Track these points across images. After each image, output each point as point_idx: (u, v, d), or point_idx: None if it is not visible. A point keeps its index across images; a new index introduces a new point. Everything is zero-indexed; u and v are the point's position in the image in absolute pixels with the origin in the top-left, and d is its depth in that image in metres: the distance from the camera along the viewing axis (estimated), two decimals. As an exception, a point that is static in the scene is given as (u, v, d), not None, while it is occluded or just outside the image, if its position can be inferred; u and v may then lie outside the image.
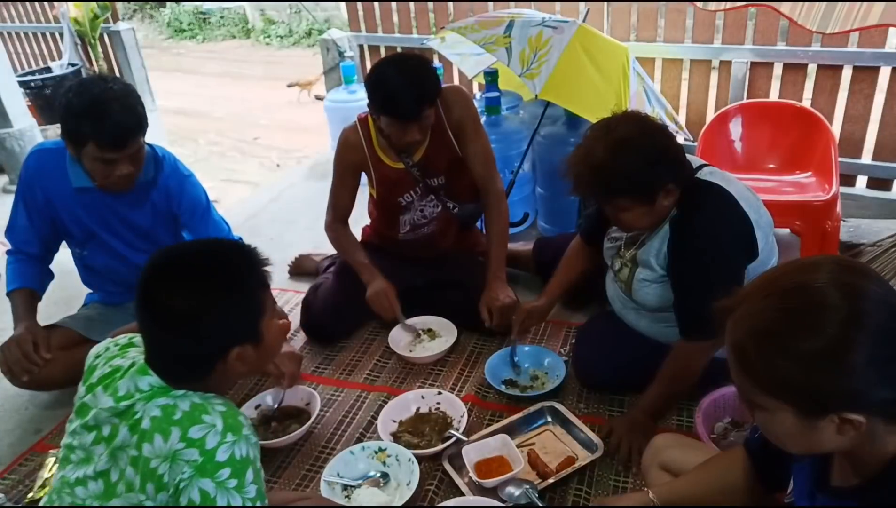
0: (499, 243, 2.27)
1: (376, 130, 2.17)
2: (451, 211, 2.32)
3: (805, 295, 0.84)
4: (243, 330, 1.17)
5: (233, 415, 1.13)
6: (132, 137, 1.86)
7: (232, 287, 1.14)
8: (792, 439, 0.90)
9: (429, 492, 1.69)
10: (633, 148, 1.56)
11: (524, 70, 2.38)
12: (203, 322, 1.12)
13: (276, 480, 1.80)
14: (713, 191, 1.65)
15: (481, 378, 2.08)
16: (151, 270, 1.15)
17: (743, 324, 0.87)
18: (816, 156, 2.69)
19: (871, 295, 0.82)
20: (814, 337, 0.81)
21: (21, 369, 1.97)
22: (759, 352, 0.85)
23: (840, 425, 0.84)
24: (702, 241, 1.62)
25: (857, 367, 0.80)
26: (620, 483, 1.70)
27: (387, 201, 2.27)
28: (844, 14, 2.10)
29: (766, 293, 0.87)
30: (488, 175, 2.27)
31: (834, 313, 0.81)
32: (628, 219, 1.67)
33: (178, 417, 1.09)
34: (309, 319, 2.33)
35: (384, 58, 2.05)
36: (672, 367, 1.74)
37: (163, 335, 1.14)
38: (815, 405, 0.84)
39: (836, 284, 0.83)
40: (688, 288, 1.66)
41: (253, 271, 1.19)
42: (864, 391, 0.81)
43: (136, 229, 2.12)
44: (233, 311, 1.14)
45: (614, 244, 1.87)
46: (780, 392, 0.85)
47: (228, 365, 1.16)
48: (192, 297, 1.11)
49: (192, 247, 1.26)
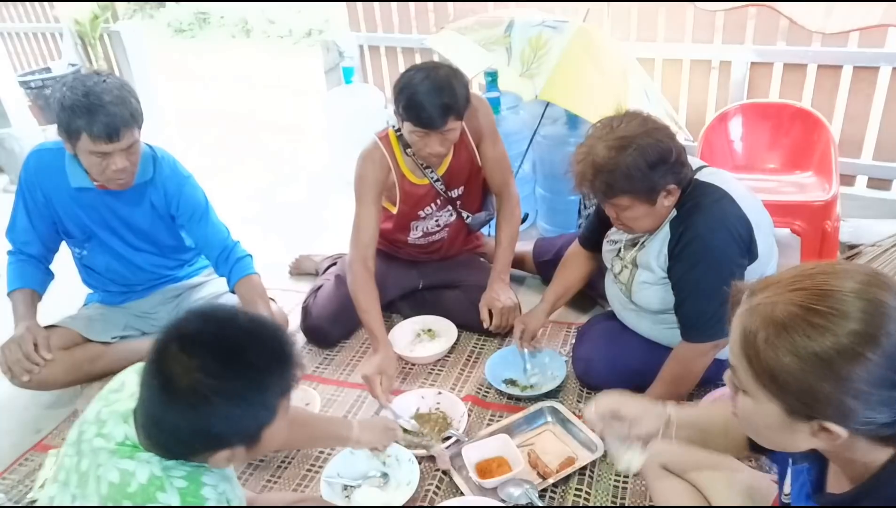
0: (507, 246, 2.27)
1: (400, 148, 2.13)
2: (464, 220, 2.32)
3: (829, 299, 0.82)
4: (243, 435, 1.05)
5: (194, 490, 1.04)
6: (125, 129, 1.84)
7: (252, 388, 1.02)
8: (768, 432, 0.91)
9: (429, 492, 1.69)
10: (635, 147, 1.55)
11: (524, 70, 2.38)
12: (206, 414, 1.00)
13: (276, 480, 1.80)
14: (713, 192, 1.65)
15: (481, 378, 2.08)
16: (175, 334, 1.03)
17: (760, 311, 0.86)
18: (816, 156, 2.69)
19: (894, 315, 0.81)
20: (826, 342, 0.80)
21: (21, 369, 1.97)
22: (768, 341, 0.84)
23: (817, 430, 0.84)
24: (701, 243, 1.62)
25: (857, 383, 0.79)
26: (620, 483, 1.70)
27: (407, 215, 2.25)
28: (844, 14, 2.11)
29: (794, 288, 0.85)
30: (504, 181, 2.27)
31: (851, 324, 0.80)
32: (629, 219, 1.67)
33: (132, 490, 1.02)
34: (308, 324, 2.33)
35: (415, 64, 1.97)
36: (673, 369, 1.74)
37: (157, 399, 1.02)
38: (804, 408, 0.84)
39: (863, 295, 0.82)
40: (688, 290, 1.66)
41: (283, 374, 1.06)
42: (855, 408, 0.80)
43: (135, 230, 2.12)
44: (244, 417, 1.03)
45: (614, 247, 1.87)
46: (776, 386, 0.85)
47: (212, 462, 1.05)
48: (204, 387, 0.99)
49: (233, 321, 1.06)
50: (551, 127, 2.81)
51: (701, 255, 1.62)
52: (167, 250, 2.23)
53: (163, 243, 2.20)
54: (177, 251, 2.27)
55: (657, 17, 3.08)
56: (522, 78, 2.44)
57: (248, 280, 2.14)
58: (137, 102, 1.89)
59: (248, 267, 2.17)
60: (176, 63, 7.91)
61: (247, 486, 1.77)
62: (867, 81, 2.79)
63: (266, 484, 1.79)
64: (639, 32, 3.14)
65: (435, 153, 1.98)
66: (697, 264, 1.62)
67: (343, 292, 2.26)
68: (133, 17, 11.44)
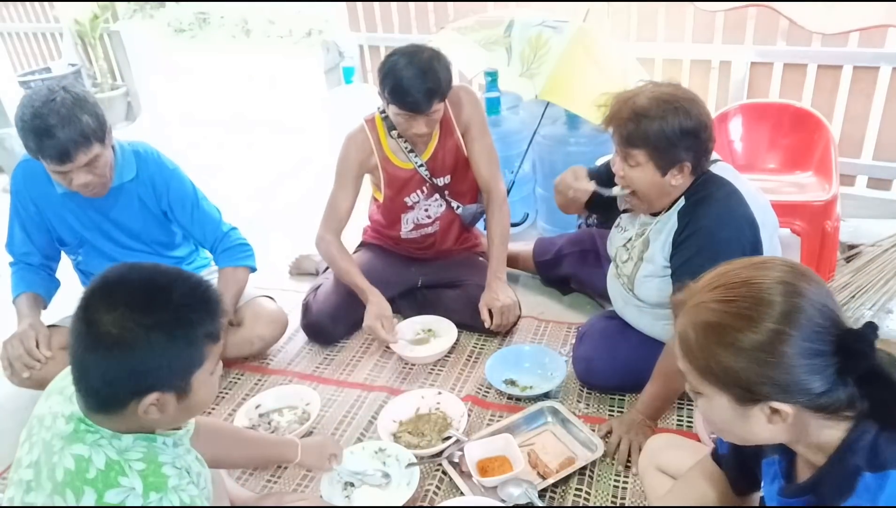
0: (500, 243, 2.27)
1: (385, 131, 2.17)
2: (454, 211, 2.32)
3: (749, 290, 0.89)
4: (170, 377, 1.05)
5: (154, 471, 1.05)
6: (77, 150, 1.77)
7: (176, 322, 1.04)
8: (729, 426, 0.95)
9: (429, 492, 1.69)
10: (679, 107, 1.57)
11: (524, 70, 2.38)
12: (129, 351, 1.01)
13: (276, 480, 1.80)
14: (724, 186, 1.65)
15: (481, 378, 2.08)
16: (99, 282, 1.06)
17: (689, 314, 0.93)
18: (816, 156, 2.69)
19: (806, 293, 0.88)
20: (751, 330, 0.87)
21: (22, 364, 1.96)
22: (700, 341, 0.91)
23: (770, 414, 0.89)
24: (705, 234, 1.62)
25: (787, 359, 0.85)
26: (620, 483, 1.70)
27: (394, 201, 2.27)
28: (844, 14, 2.11)
29: (713, 286, 0.93)
30: (491, 176, 2.27)
31: (772, 309, 0.86)
32: (633, 179, 1.67)
33: (91, 476, 1.02)
34: (308, 321, 2.33)
35: (398, 48, 2.01)
36: (666, 363, 1.74)
37: (85, 355, 1.03)
38: (747, 394, 0.89)
39: (778, 281, 0.89)
40: (685, 280, 1.65)
41: (207, 314, 1.08)
42: (791, 382, 0.86)
43: (126, 231, 2.11)
44: (167, 353, 1.03)
45: (623, 235, 1.87)
46: (717, 380, 0.91)
47: (141, 408, 1.04)
48: (122, 325, 1.00)
49: (156, 267, 1.10)
50: (551, 127, 2.81)
51: (703, 245, 1.61)
52: (161, 249, 2.21)
53: (156, 241, 2.18)
54: (170, 249, 2.25)
55: (657, 17, 3.08)
56: (522, 78, 2.44)
57: (232, 270, 2.16)
58: (94, 117, 1.79)
59: (235, 258, 2.17)
60: (176, 63, 7.91)
61: (247, 486, 1.77)
62: (867, 81, 2.79)
63: (266, 484, 1.79)
64: (639, 32, 3.14)
65: (420, 133, 2.04)
66: (697, 254, 1.62)
67: (343, 289, 2.27)
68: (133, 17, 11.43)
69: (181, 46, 9.60)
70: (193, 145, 4.59)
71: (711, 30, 3.00)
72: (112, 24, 5.06)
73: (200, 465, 1.22)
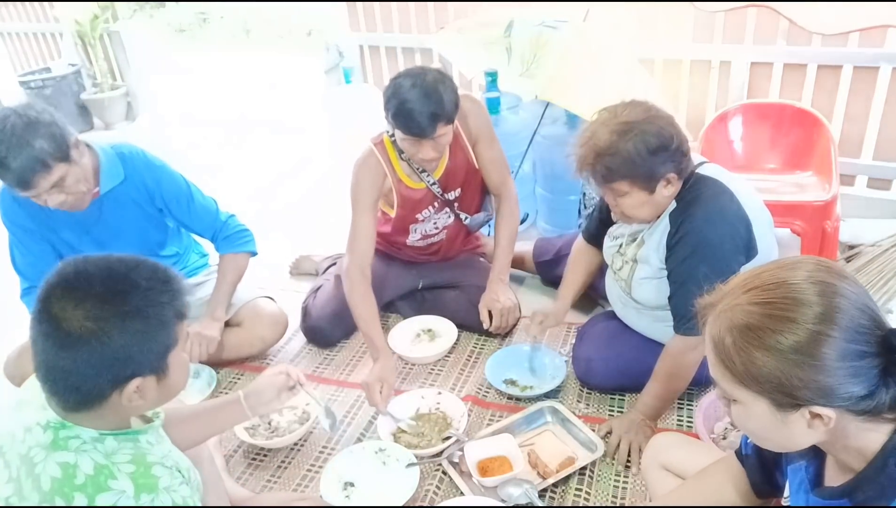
0: (506, 246, 2.27)
1: (396, 154, 2.12)
2: (462, 221, 2.32)
3: (783, 291, 0.87)
4: (149, 359, 1.05)
5: (144, 472, 1.04)
6: (36, 176, 1.72)
7: (144, 313, 1.03)
8: (766, 433, 0.93)
9: (429, 492, 1.69)
10: (637, 132, 1.56)
11: (524, 70, 2.38)
12: (108, 342, 0.99)
13: (276, 480, 1.80)
14: (714, 186, 1.65)
15: (481, 378, 2.08)
16: (56, 279, 1.02)
17: (723, 318, 0.90)
18: (816, 156, 2.69)
19: (845, 293, 0.85)
20: (790, 331, 0.84)
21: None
22: (738, 345, 0.88)
23: (811, 419, 0.86)
24: (697, 235, 1.62)
25: (829, 361, 0.83)
26: (620, 483, 1.70)
27: (405, 218, 2.25)
28: (844, 15, 2.10)
29: (747, 289, 0.90)
30: (502, 181, 2.27)
31: (809, 309, 0.84)
32: (627, 207, 1.67)
33: (80, 482, 1.00)
34: (308, 325, 2.33)
35: (403, 70, 1.97)
36: (666, 364, 1.74)
37: (59, 354, 1.00)
38: (787, 398, 0.86)
39: (813, 281, 0.86)
40: (680, 281, 1.66)
41: (171, 299, 1.07)
42: (834, 385, 0.83)
43: (123, 236, 2.07)
44: (144, 337, 1.03)
45: (615, 243, 1.87)
46: (756, 385, 0.87)
47: (125, 397, 1.04)
48: (95, 317, 0.99)
49: (110, 257, 1.08)
50: (551, 127, 2.81)
51: (696, 246, 1.61)
52: (157, 248, 2.20)
53: (153, 241, 2.17)
54: (164, 247, 2.23)
55: (657, 17, 3.08)
56: (522, 78, 2.44)
57: (232, 257, 2.16)
58: (49, 138, 1.72)
59: (234, 244, 2.17)
60: (176, 63, 7.90)
61: (247, 486, 1.77)
62: (867, 81, 2.78)
63: (266, 484, 1.79)
64: (639, 32, 3.14)
65: (428, 158, 1.98)
66: (691, 255, 1.62)
67: (343, 292, 2.26)
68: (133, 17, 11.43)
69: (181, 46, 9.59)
70: (193, 145, 4.59)
71: (711, 30, 3.00)
72: (112, 24, 5.06)
73: (187, 460, 1.21)
